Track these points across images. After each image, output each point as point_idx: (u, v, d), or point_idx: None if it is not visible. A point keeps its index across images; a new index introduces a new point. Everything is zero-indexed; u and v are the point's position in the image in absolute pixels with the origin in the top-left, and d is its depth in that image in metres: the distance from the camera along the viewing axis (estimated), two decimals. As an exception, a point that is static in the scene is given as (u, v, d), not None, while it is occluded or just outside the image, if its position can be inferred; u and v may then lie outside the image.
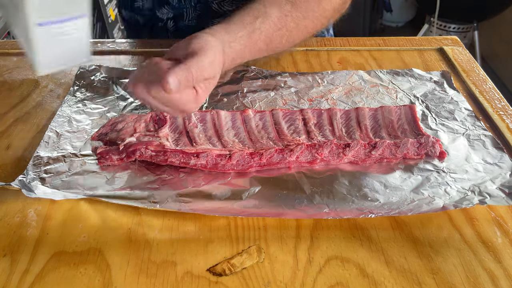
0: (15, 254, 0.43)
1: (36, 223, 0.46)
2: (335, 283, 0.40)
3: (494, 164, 0.51)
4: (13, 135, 0.58)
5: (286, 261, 0.42)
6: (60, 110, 0.60)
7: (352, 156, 0.52)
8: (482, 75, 0.70)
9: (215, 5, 0.75)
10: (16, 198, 0.48)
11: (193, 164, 0.50)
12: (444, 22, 2.18)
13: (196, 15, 0.77)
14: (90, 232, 0.45)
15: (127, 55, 0.76)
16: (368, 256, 0.43)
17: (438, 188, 0.48)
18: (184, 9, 0.77)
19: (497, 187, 0.48)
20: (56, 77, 0.70)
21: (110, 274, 0.41)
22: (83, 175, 0.49)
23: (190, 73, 0.43)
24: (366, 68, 0.72)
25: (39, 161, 0.51)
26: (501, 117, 0.61)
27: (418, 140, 0.53)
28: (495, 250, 0.44)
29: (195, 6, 0.76)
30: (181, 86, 0.43)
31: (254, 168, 0.50)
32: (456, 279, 0.41)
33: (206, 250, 0.43)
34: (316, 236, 0.45)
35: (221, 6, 0.75)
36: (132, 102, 0.63)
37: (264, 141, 0.54)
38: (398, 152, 0.52)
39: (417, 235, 0.45)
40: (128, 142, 0.51)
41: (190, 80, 0.43)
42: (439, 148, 0.53)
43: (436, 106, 0.62)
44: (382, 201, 0.46)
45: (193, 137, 0.54)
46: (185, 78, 0.43)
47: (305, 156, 0.51)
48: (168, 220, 0.46)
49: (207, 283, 0.40)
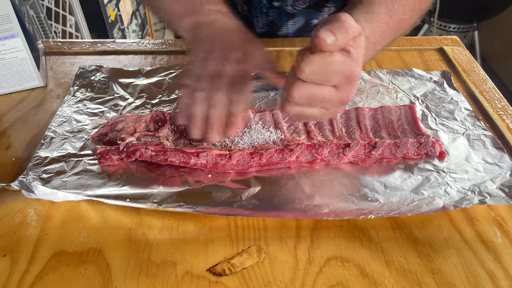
0: (15, 254, 0.43)
1: (36, 223, 0.46)
2: (335, 283, 0.40)
3: (494, 164, 0.51)
4: (13, 135, 0.58)
5: (286, 261, 0.42)
6: (60, 110, 0.60)
7: (352, 156, 0.52)
8: (482, 75, 0.70)
9: (290, 7, 0.74)
10: (16, 198, 0.48)
11: (193, 163, 0.50)
12: (444, 22, 2.18)
13: (268, 21, 0.76)
14: (90, 232, 0.45)
15: (127, 55, 0.76)
16: (368, 256, 0.43)
17: (438, 188, 0.48)
18: (254, 18, 0.76)
19: (497, 186, 0.48)
20: (55, 77, 0.70)
21: (110, 274, 0.41)
22: (83, 175, 0.49)
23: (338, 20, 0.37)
24: (366, 68, 0.72)
25: (39, 161, 0.51)
26: (501, 117, 0.61)
27: (418, 140, 0.53)
28: (495, 250, 0.44)
29: (266, 12, 0.74)
30: (336, 38, 0.36)
31: (254, 168, 0.50)
32: (456, 279, 0.41)
33: (206, 250, 0.43)
34: (316, 236, 0.45)
35: (295, 7, 0.74)
36: (132, 102, 0.63)
37: (265, 141, 0.54)
38: (398, 152, 0.52)
39: (417, 235, 0.45)
40: (128, 142, 0.51)
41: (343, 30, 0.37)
42: (439, 148, 0.53)
43: (436, 106, 0.62)
44: (382, 201, 0.46)
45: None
46: (337, 28, 0.37)
47: (305, 156, 0.51)
48: (168, 220, 0.46)
49: (207, 283, 0.40)
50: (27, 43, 0.63)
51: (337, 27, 0.36)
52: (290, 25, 0.80)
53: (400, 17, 0.53)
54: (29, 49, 0.63)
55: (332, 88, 0.41)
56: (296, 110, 0.42)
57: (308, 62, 0.38)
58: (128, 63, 0.74)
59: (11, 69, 0.64)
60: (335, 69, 0.39)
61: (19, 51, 0.62)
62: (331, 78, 0.40)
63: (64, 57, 0.75)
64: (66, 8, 1.61)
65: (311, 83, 0.40)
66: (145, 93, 0.65)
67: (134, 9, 2.32)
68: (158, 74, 0.69)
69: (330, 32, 0.36)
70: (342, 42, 0.37)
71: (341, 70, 0.39)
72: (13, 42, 0.60)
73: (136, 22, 2.36)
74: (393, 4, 0.52)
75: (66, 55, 0.76)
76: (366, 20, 0.49)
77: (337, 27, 0.36)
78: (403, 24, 0.54)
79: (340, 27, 0.37)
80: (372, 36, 0.49)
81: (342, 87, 0.41)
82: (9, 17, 0.58)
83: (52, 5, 1.50)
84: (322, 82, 0.40)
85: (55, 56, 0.75)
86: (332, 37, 0.36)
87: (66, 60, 0.74)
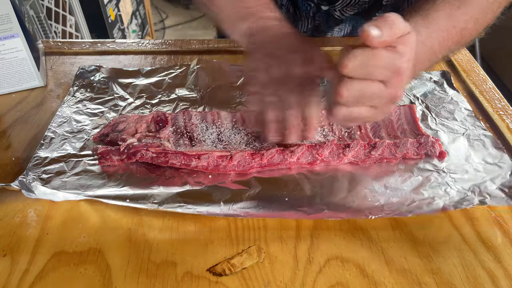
0: (15, 254, 0.43)
1: (36, 223, 0.46)
2: (335, 283, 0.40)
3: (494, 164, 0.51)
4: (13, 135, 0.58)
5: (286, 261, 0.42)
6: (60, 110, 0.60)
7: (352, 157, 0.52)
8: (482, 75, 0.70)
9: (338, 12, 0.72)
10: (16, 198, 0.48)
11: (194, 165, 0.50)
12: (444, 22, 2.18)
13: (313, 26, 0.74)
14: (90, 232, 0.45)
15: (127, 55, 0.76)
16: (368, 256, 0.43)
17: (438, 189, 0.48)
18: (299, 22, 0.75)
19: (497, 187, 0.48)
20: (55, 77, 0.70)
21: (110, 274, 0.41)
22: (83, 176, 0.49)
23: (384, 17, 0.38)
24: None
25: (39, 161, 0.51)
26: (501, 117, 0.61)
27: (418, 140, 0.53)
28: (495, 250, 0.44)
29: (313, 16, 0.73)
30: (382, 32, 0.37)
31: (255, 169, 0.50)
32: (456, 279, 0.41)
33: (206, 250, 0.43)
34: (316, 236, 0.45)
35: (344, 12, 0.73)
36: (132, 103, 0.63)
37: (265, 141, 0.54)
38: (398, 152, 0.52)
39: (417, 235, 0.45)
40: (129, 143, 0.51)
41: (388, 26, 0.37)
42: (438, 148, 0.53)
43: (436, 106, 0.62)
44: (382, 202, 0.46)
45: (193, 138, 0.54)
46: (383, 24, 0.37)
47: (305, 157, 0.51)
48: (168, 220, 0.46)
49: (207, 283, 0.40)
50: (27, 43, 0.63)
51: (383, 22, 0.37)
52: (336, 31, 0.79)
53: (463, 26, 0.52)
54: (29, 49, 0.63)
55: (380, 84, 0.41)
56: (344, 112, 0.42)
57: (350, 56, 0.38)
58: (128, 63, 0.74)
59: (11, 69, 0.64)
60: (380, 64, 0.39)
61: (19, 51, 0.62)
62: (376, 72, 0.39)
63: (64, 57, 0.75)
64: (66, 8, 1.61)
65: (358, 79, 0.40)
66: (145, 93, 0.65)
67: (134, 9, 2.32)
68: (158, 74, 0.69)
69: (375, 26, 0.37)
70: (387, 37, 0.37)
71: (387, 65, 0.39)
72: (13, 42, 0.60)
73: (136, 22, 2.36)
74: (455, 12, 0.51)
75: (66, 55, 0.76)
76: (423, 24, 0.49)
77: (382, 22, 0.37)
78: (465, 33, 0.53)
79: (386, 23, 0.37)
80: (428, 41, 0.49)
81: (390, 82, 0.41)
82: (9, 17, 0.58)
83: (52, 5, 1.50)
84: (367, 76, 0.40)
85: (55, 56, 0.75)
86: (377, 31, 0.37)
87: (66, 60, 0.74)
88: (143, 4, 2.46)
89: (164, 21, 3.17)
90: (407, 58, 0.40)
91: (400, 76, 0.40)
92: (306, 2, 0.72)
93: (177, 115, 0.57)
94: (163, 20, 3.17)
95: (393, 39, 0.38)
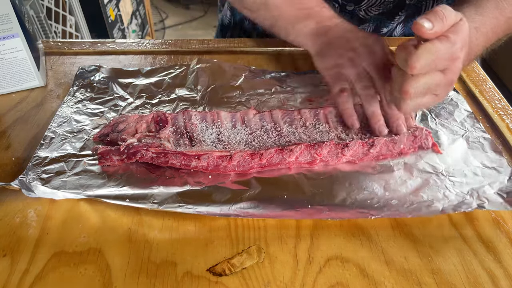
0: (15, 254, 0.43)
1: (36, 223, 0.46)
2: (335, 283, 0.40)
3: (493, 168, 0.51)
4: (13, 135, 0.58)
5: (286, 261, 0.42)
6: (60, 110, 0.60)
7: (350, 156, 0.52)
8: (482, 75, 0.70)
9: (362, 12, 0.73)
10: (16, 198, 0.48)
11: (194, 166, 0.50)
12: (444, 22, 2.18)
13: None
14: (90, 232, 0.45)
15: (127, 55, 0.76)
16: (368, 256, 0.43)
17: (437, 192, 0.48)
18: None
19: (496, 192, 0.48)
20: (55, 77, 0.70)
21: (110, 274, 0.41)
22: (83, 176, 0.49)
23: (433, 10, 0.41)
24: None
25: (39, 161, 0.51)
26: (501, 117, 0.61)
27: (413, 133, 0.54)
28: (495, 250, 0.44)
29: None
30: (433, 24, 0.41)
31: (254, 169, 0.50)
32: (456, 279, 0.41)
33: (206, 250, 0.43)
34: (316, 236, 0.45)
35: (368, 12, 0.74)
36: (131, 102, 0.63)
37: (264, 142, 0.54)
38: (395, 148, 0.52)
39: (417, 235, 0.45)
40: (129, 144, 0.51)
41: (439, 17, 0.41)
42: (431, 140, 0.54)
43: (436, 107, 0.62)
44: (381, 203, 0.46)
45: (193, 138, 0.54)
46: (433, 16, 0.41)
47: (304, 157, 0.52)
48: (168, 220, 0.46)
49: (207, 283, 0.40)
50: (27, 43, 0.63)
51: (432, 15, 0.41)
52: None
53: (509, 15, 0.55)
54: (29, 49, 0.63)
55: (440, 73, 0.44)
56: (411, 105, 0.46)
57: (416, 58, 0.41)
58: (128, 63, 0.74)
59: (11, 69, 0.64)
60: (440, 56, 0.42)
61: (19, 51, 0.62)
62: (438, 65, 0.43)
63: (64, 57, 0.75)
64: (66, 8, 1.61)
65: (421, 75, 0.43)
66: (145, 93, 0.65)
67: (134, 9, 2.32)
68: (158, 74, 0.69)
69: (426, 19, 0.40)
70: (439, 28, 0.41)
71: (445, 55, 0.42)
72: (13, 42, 0.60)
73: (136, 22, 2.36)
74: (501, 3, 0.55)
75: (66, 55, 0.76)
76: (476, 12, 0.53)
77: (432, 15, 0.41)
78: (511, 22, 0.56)
79: (436, 15, 0.41)
80: (483, 27, 0.53)
81: (448, 70, 0.44)
82: (9, 17, 0.58)
83: (52, 5, 1.50)
84: (429, 71, 0.43)
85: (55, 56, 0.75)
86: (428, 23, 0.40)
87: (66, 60, 0.74)
88: (143, 4, 2.46)
89: (164, 21, 3.17)
90: (460, 45, 0.43)
91: (456, 63, 0.44)
92: (330, 2, 0.73)
93: (177, 115, 0.57)
94: (163, 20, 3.18)
95: (444, 29, 0.42)
